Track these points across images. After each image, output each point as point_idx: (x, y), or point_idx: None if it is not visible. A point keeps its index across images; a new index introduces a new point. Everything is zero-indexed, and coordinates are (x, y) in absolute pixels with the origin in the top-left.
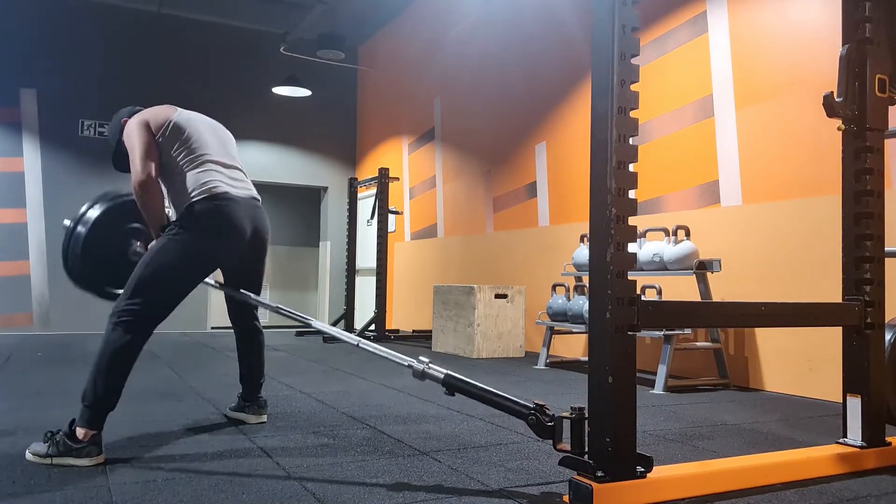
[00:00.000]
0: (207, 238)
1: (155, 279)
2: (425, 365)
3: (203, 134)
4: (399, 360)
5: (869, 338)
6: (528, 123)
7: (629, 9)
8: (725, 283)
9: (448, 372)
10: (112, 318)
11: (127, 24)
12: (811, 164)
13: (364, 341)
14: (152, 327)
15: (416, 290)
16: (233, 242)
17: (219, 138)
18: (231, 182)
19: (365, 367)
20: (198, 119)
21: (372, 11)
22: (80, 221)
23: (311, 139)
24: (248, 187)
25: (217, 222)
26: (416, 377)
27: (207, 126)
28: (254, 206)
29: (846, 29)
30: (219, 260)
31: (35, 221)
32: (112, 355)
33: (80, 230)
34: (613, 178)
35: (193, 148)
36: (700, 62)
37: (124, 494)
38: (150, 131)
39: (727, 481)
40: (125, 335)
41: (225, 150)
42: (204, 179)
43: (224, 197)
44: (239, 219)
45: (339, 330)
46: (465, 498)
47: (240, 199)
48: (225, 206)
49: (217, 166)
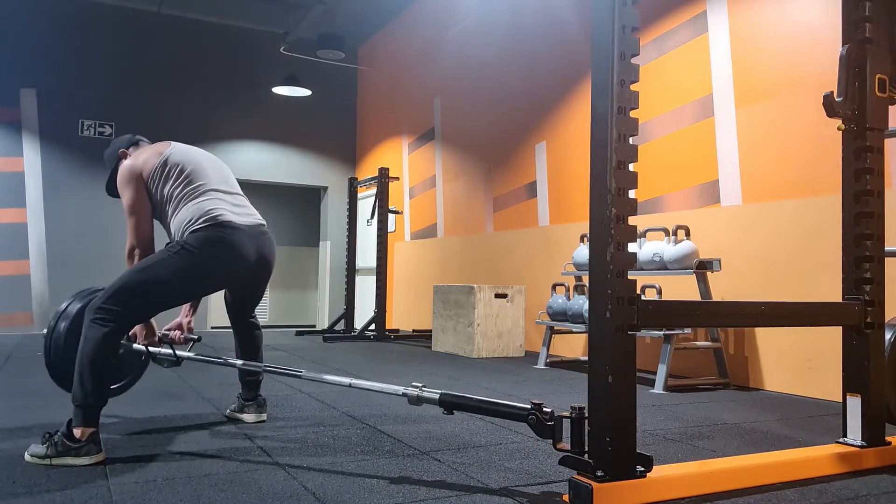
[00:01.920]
0: (207, 264)
1: (140, 289)
2: (419, 390)
3: (201, 164)
4: (393, 391)
5: (869, 337)
6: (528, 123)
7: (629, 9)
8: (725, 282)
9: (443, 391)
10: (88, 314)
11: (127, 24)
12: (811, 163)
13: (356, 381)
14: (129, 327)
15: (416, 290)
16: (233, 270)
17: (217, 169)
18: (234, 210)
19: (365, 367)
20: (193, 151)
21: (372, 11)
22: (60, 318)
23: (311, 139)
24: (252, 213)
25: (219, 250)
26: (412, 404)
27: (205, 158)
28: (259, 233)
29: (846, 29)
30: (215, 285)
31: (35, 221)
32: (92, 352)
33: (62, 325)
34: (613, 178)
35: (192, 179)
36: (700, 62)
37: (124, 494)
38: (141, 186)
39: (727, 481)
40: (101, 330)
41: (224, 180)
42: (208, 207)
43: (228, 225)
44: (243, 247)
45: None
46: (465, 497)
47: (244, 228)
48: (229, 235)
49: (219, 194)
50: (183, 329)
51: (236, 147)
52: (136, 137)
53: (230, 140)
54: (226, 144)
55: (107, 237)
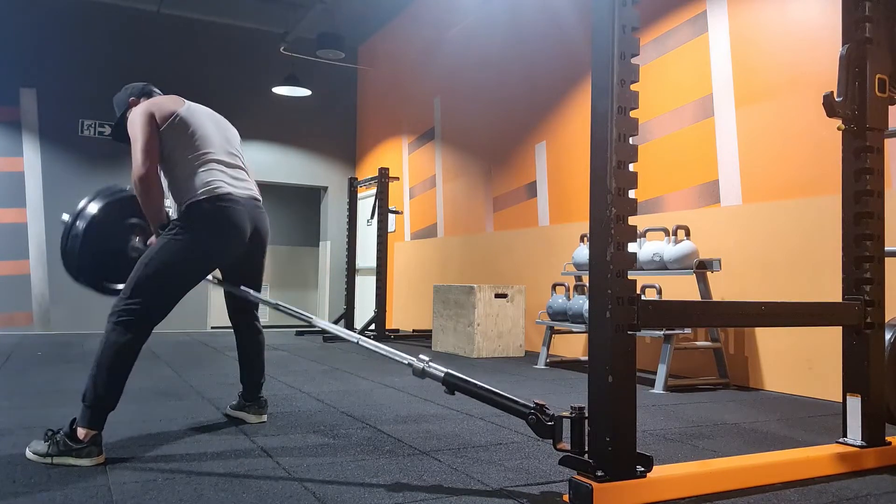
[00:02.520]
0: (208, 239)
1: (154, 279)
2: (425, 363)
3: (207, 130)
4: (399, 357)
5: (869, 337)
6: (528, 123)
7: (629, 9)
8: (725, 282)
9: (448, 370)
10: (111, 318)
11: (127, 24)
12: (811, 163)
13: (363, 338)
14: (152, 327)
15: (416, 290)
16: (233, 243)
17: (223, 135)
18: (233, 182)
19: (365, 367)
20: (203, 114)
21: (372, 11)
22: (78, 216)
23: (311, 139)
24: (250, 187)
25: (218, 223)
26: (416, 375)
27: (212, 122)
28: (254, 207)
29: (846, 29)
30: (218, 260)
31: (35, 221)
32: (112, 355)
33: (79, 225)
34: (613, 178)
35: (197, 145)
36: (700, 62)
37: (124, 494)
38: (154, 124)
39: (727, 481)
40: (125, 335)
41: (228, 148)
42: (207, 179)
43: (226, 198)
44: (240, 220)
45: (338, 327)
46: (465, 497)
47: (241, 200)
48: (227, 208)
49: (220, 166)
50: None
51: None
52: (149, 87)
53: None
54: None
55: None
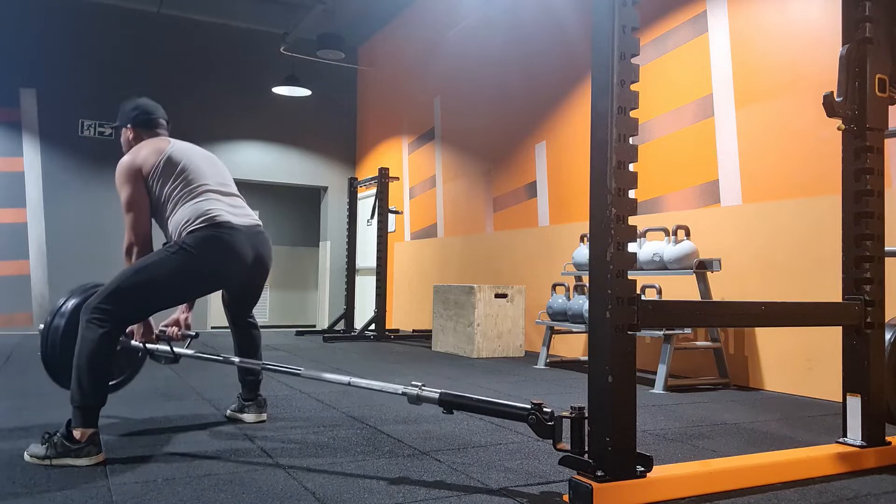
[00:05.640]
0: (204, 261)
1: (137, 290)
2: (418, 388)
3: (199, 164)
4: (392, 390)
5: (869, 337)
6: (528, 123)
7: (629, 9)
8: (725, 282)
9: (442, 391)
10: (85, 314)
11: (127, 24)
12: (811, 163)
13: (354, 380)
14: (126, 327)
15: (416, 290)
16: (231, 269)
17: (215, 169)
18: (232, 210)
19: (365, 367)
20: (192, 151)
21: (372, 11)
22: (56, 315)
23: (311, 139)
24: (249, 213)
25: (218, 248)
26: (411, 403)
27: (203, 157)
28: (256, 233)
29: (846, 29)
30: (213, 284)
31: (35, 221)
32: (88, 353)
33: (58, 322)
34: (613, 178)
35: (191, 179)
36: (700, 62)
37: (124, 494)
38: (140, 183)
39: (727, 481)
40: (98, 331)
41: (221, 179)
42: (206, 208)
43: (226, 225)
44: (240, 246)
45: (329, 374)
46: (465, 497)
47: (241, 228)
48: (226, 235)
49: (216, 195)
50: (180, 325)
51: (236, 147)
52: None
53: (230, 140)
54: (226, 144)
55: (107, 237)
